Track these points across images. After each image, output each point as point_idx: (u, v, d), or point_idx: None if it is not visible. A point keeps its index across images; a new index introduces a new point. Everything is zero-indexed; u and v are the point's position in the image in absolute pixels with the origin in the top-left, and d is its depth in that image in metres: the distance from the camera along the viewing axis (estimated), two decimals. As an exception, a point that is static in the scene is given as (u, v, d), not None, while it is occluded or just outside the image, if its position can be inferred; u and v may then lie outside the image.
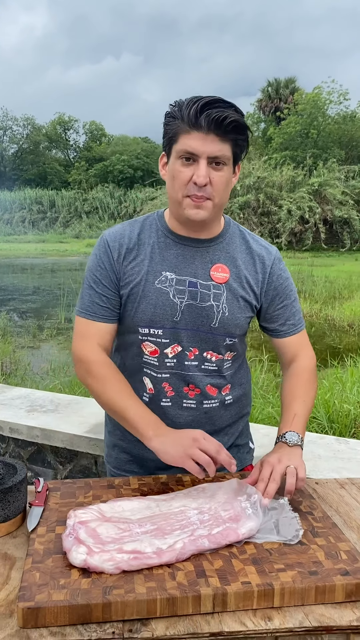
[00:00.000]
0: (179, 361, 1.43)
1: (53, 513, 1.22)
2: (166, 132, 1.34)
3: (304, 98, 35.94)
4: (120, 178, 46.44)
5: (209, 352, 1.44)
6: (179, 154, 1.31)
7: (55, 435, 2.48)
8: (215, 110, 1.25)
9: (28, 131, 58.05)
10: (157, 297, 1.40)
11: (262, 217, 25.52)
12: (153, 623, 0.93)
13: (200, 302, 1.41)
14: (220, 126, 1.26)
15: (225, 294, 1.43)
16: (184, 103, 1.29)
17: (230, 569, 1.03)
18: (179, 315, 1.41)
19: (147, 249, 1.43)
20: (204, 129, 1.26)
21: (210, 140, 1.28)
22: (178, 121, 1.30)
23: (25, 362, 6.88)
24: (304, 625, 0.94)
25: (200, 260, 1.43)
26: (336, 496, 1.41)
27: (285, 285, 1.51)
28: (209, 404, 1.48)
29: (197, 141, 1.28)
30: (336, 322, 9.38)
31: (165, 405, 1.46)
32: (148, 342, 1.44)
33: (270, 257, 1.49)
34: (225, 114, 1.25)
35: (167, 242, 1.43)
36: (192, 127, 1.27)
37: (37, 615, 0.91)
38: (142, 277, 1.41)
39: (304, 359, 1.53)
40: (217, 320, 1.42)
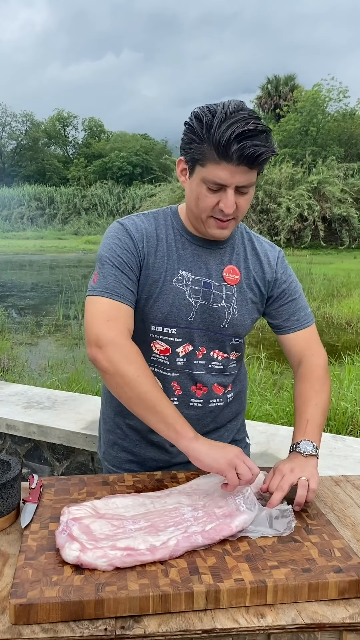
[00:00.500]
0: (189, 360, 1.44)
1: (47, 510, 1.22)
2: (190, 149, 1.27)
3: (304, 95, 35.88)
4: (119, 175, 46.37)
5: (216, 351, 1.45)
6: (206, 181, 1.26)
7: (52, 432, 2.48)
8: (249, 142, 1.19)
9: (27, 127, 57.93)
10: (174, 296, 1.39)
11: (261, 215, 25.51)
12: (145, 620, 0.93)
13: (213, 303, 1.41)
14: (253, 162, 1.22)
15: (236, 295, 1.44)
16: (213, 125, 1.19)
17: (223, 566, 1.03)
18: (193, 315, 1.41)
19: (164, 245, 1.41)
20: (234, 161, 1.21)
21: (240, 172, 1.24)
22: (206, 146, 1.22)
23: (23, 359, 6.87)
24: (296, 623, 0.94)
25: (214, 261, 1.43)
26: (331, 493, 1.40)
27: (290, 281, 1.51)
28: (214, 403, 1.49)
29: (227, 173, 1.23)
30: (334, 320, 9.39)
31: (173, 403, 1.45)
32: (159, 341, 1.42)
33: (275, 256, 1.50)
34: (260, 150, 1.20)
35: (183, 240, 1.42)
36: (222, 158, 1.22)
37: (29, 611, 0.91)
38: (161, 275, 1.39)
39: (313, 357, 1.49)
40: (227, 321, 1.43)
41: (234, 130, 1.18)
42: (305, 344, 1.51)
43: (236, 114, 1.20)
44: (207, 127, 1.21)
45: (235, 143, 1.19)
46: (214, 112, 1.21)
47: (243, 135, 1.19)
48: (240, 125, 1.18)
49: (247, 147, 1.19)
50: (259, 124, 1.20)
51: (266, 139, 1.22)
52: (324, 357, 1.51)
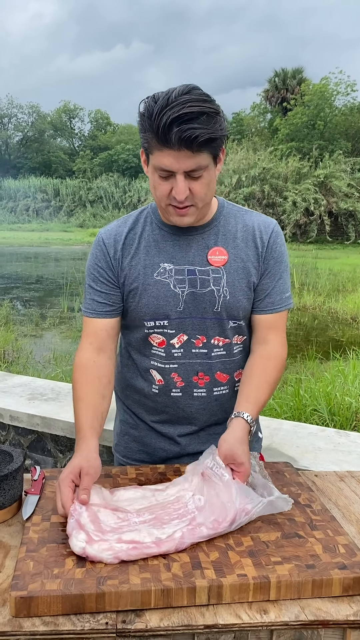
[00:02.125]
0: (186, 350, 1.43)
1: (49, 502, 1.21)
2: (142, 138, 1.29)
3: (311, 89, 35.64)
4: (124, 167, 46.25)
5: (216, 337, 1.43)
6: (156, 168, 1.27)
7: (55, 424, 2.48)
8: (186, 126, 1.17)
9: (33, 119, 57.85)
10: (159, 290, 1.39)
11: (267, 209, 25.40)
12: (147, 614, 0.92)
13: (201, 289, 1.40)
14: (192, 144, 1.20)
15: (225, 277, 1.41)
16: (154, 112, 1.20)
17: (226, 560, 1.02)
18: (181, 304, 1.40)
19: (143, 242, 1.43)
20: (175, 146, 1.20)
21: (183, 156, 1.22)
22: (149, 134, 1.24)
23: (28, 351, 6.88)
24: (300, 619, 0.93)
25: (197, 247, 1.41)
26: (335, 489, 1.39)
27: (278, 260, 1.45)
28: (219, 391, 1.47)
29: (170, 158, 1.23)
30: (339, 315, 9.35)
31: (175, 395, 1.46)
32: (155, 334, 1.43)
33: (268, 230, 1.45)
34: (196, 133, 1.18)
35: (162, 234, 1.43)
36: (163, 145, 1.22)
37: (29, 604, 0.90)
38: (139, 272, 1.41)
39: (277, 345, 1.45)
40: (219, 305, 1.41)
41: (169, 115, 1.18)
42: (270, 327, 1.46)
43: (178, 98, 1.19)
44: (148, 115, 1.22)
45: (174, 127, 1.18)
46: (157, 99, 1.21)
47: (180, 119, 1.17)
48: (178, 109, 1.17)
49: (183, 131, 1.18)
50: (198, 106, 1.18)
51: (207, 120, 1.20)
52: (286, 350, 1.48)
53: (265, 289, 1.45)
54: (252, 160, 27.50)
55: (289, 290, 1.49)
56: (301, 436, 2.26)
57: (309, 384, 4.40)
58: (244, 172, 26.83)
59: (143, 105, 1.24)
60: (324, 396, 3.95)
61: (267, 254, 1.44)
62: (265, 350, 1.44)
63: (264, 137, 39.21)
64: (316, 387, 4.24)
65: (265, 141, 36.58)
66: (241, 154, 29.33)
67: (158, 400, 1.48)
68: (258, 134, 40.82)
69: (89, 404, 1.34)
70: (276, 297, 1.45)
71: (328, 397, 3.94)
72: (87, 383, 1.38)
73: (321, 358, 6.15)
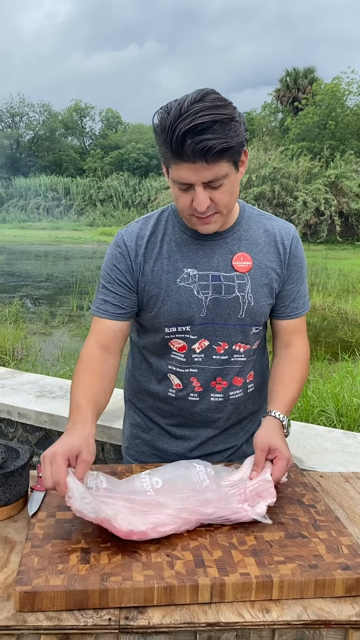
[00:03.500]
0: (207, 356, 1.42)
1: (54, 498, 1.22)
2: (159, 151, 1.27)
3: (323, 88, 35.47)
4: (135, 166, 46.28)
5: (238, 344, 1.42)
6: (175, 182, 1.26)
7: (63, 421, 2.49)
8: (198, 138, 1.14)
9: (44, 118, 58.03)
10: (182, 295, 1.37)
11: (277, 209, 25.32)
12: (150, 611, 0.93)
13: (226, 295, 1.38)
14: (206, 155, 1.16)
15: (250, 283, 1.40)
16: (167, 125, 1.17)
17: (229, 559, 1.02)
18: (204, 311, 1.38)
19: (165, 246, 1.40)
20: (190, 159, 1.18)
21: (200, 168, 1.19)
22: (164, 149, 1.21)
23: (37, 348, 6.92)
24: (302, 619, 0.93)
25: (220, 252, 1.39)
26: (340, 490, 1.39)
27: (300, 266, 1.47)
28: (234, 395, 1.47)
29: (187, 171, 1.20)
30: (349, 316, 9.30)
31: (192, 399, 1.46)
32: (176, 340, 1.41)
33: (289, 235, 1.45)
34: (209, 144, 1.14)
35: (184, 237, 1.40)
36: (178, 158, 1.19)
37: (33, 599, 0.91)
38: (162, 277, 1.38)
39: (301, 346, 1.51)
40: (243, 311, 1.40)
41: (181, 129, 1.14)
42: (296, 331, 1.51)
43: (190, 107, 1.15)
44: (162, 129, 1.19)
45: (186, 140, 1.15)
46: (170, 110, 1.18)
47: (192, 130, 1.14)
48: (189, 120, 1.14)
49: (197, 143, 1.15)
50: (210, 114, 1.14)
51: (221, 128, 1.15)
52: (309, 348, 1.54)
53: (290, 294, 1.46)
54: (262, 160, 27.41)
55: (308, 293, 1.53)
56: (308, 437, 2.26)
57: (317, 385, 4.39)
58: (255, 172, 26.76)
59: (157, 118, 1.21)
60: (332, 397, 3.94)
61: (290, 260, 1.44)
62: (290, 353, 1.49)
63: (274, 136, 39.06)
64: (324, 388, 4.23)
65: (276, 141, 36.44)
66: (252, 153, 29.25)
67: (174, 404, 1.48)
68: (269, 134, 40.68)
69: (90, 392, 1.29)
70: (300, 302, 1.48)
71: (336, 398, 3.93)
72: (90, 374, 1.35)
73: (330, 359, 6.13)
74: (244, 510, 1.14)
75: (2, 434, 2.74)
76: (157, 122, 1.21)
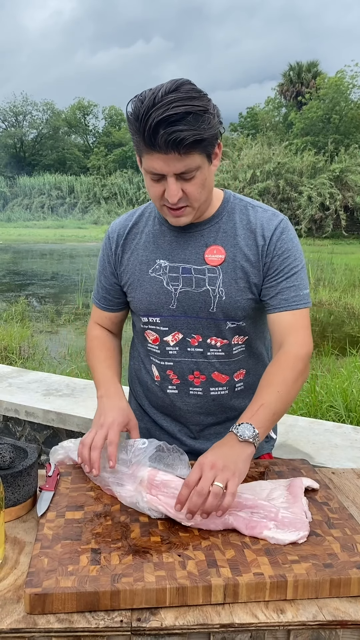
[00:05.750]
0: (182, 349, 1.41)
1: (63, 498, 1.20)
2: (132, 139, 1.25)
3: (326, 82, 35.29)
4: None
5: (213, 338, 1.39)
6: (147, 171, 1.25)
7: (70, 419, 2.48)
8: (170, 129, 1.13)
9: (47, 116, 58.01)
10: (152, 286, 1.39)
11: (282, 204, 25.24)
12: (162, 612, 0.91)
13: (196, 288, 1.36)
14: (179, 147, 1.16)
15: (222, 276, 1.35)
16: (140, 114, 1.15)
17: (242, 559, 1.00)
18: (174, 302, 1.38)
19: (143, 238, 1.44)
20: (162, 149, 1.17)
21: (172, 159, 1.18)
22: (137, 137, 1.20)
23: (43, 347, 6.91)
24: (317, 619, 0.91)
25: (194, 244, 1.37)
26: (353, 487, 1.37)
27: (286, 256, 1.35)
28: (216, 391, 1.44)
29: (159, 162, 1.20)
30: (356, 311, 9.25)
31: (171, 392, 1.46)
32: (149, 331, 1.44)
33: (271, 226, 1.36)
34: (182, 135, 1.13)
35: (162, 229, 1.41)
36: (150, 148, 1.18)
37: (44, 601, 0.90)
38: (136, 267, 1.43)
39: (296, 345, 1.31)
40: (214, 305, 1.35)
41: (154, 118, 1.13)
42: (289, 327, 1.33)
43: (164, 97, 1.14)
44: (135, 117, 1.18)
45: (159, 130, 1.14)
46: (144, 99, 1.16)
47: (165, 121, 1.13)
48: (162, 111, 1.13)
49: (169, 134, 1.14)
50: (184, 105, 1.13)
51: (194, 120, 1.14)
52: (307, 348, 1.33)
53: (274, 285, 1.35)
54: (266, 155, 27.32)
55: (307, 288, 1.37)
56: (317, 433, 2.24)
57: (325, 380, 4.36)
58: (259, 167, 26.68)
59: (130, 106, 1.19)
60: (340, 392, 3.91)
61: (270, 250, 1.34)
62: (278, 356, 1.32)
63: (278, 131, 38.91)
64: (332, 383, 4.20)
65: (280, 136, 36.29)
66: (256, 148, 29.15)
67: (158, 395, 1.50)
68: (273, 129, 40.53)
69: (112, 365, 1.49)
70: (290, 294, 1.34)
71: (344, 393, 3.90)
72: (105, 349, 1.52)
73: (337, 354, 6.09)
74: (266, 526, 1.08)
75: (10, 433, 2.73)
76: (130, 111, 1.19)
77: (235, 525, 1.08)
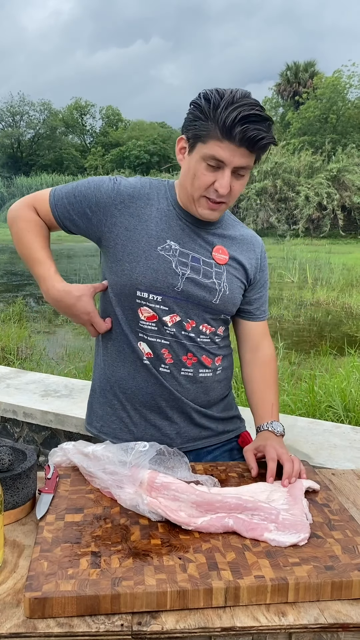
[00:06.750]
0: (177, 331, 1.43)
1: (63, 500, 1.20)
2: (194, 126, 1.31)
3: (324, 82, 35.32)
4: (136, 163, 46.19)
5: (205, 325, 1.46)
6: (206, 157, 1.30)
7: (68, 420, 2.47)
8: (252, 126, 1.25)
9: (45, 116, 57.87)
10: (159, 264, 1.40)
11: (280, 203, 25.26)
12: (163, 616, 0.91)
13: (203, 278, 1.43)
14: (254, 144, 1.28)
15: (226, 274, 1.47)
16: (220, 105, 1.25)
17: (243, 562, 1.00)
18: (180, 285, 1.41)
19: (154, 212, 1.43)
20: (236, 142, 1.26)
21: (240, 153, 1.28)
22: (211, 123, 1.27)
23: (41, 347, 6.90)
24: (319, 622, 0.91)
25: (202, 240, 1.46)
26: (353, 488, 1.37)
27: (266, 271, 1.60)
28: (204, 373, 1.49)
29: (227, 152, 1.28)
30: (353, 310, 9.25)
31: (163, 371, 1.45)
32: (146, 308, 1.42)
33: (259, 245, 1.57)
34: (262, 134, 1.26)
35: (175, 213, 1.45)
36: (224, 137, 1.26)
37: (44, 605, 0.89)
38: (143, 239, 1.41)
39: (269, 348, 1.61)
40: (218, 298, 1.45)
41: (239, 112, 1.23)
42: (264, 333, 1.61)
43: (242, 99, 1.25)
44: (214, 107, 1.26)
45: (240, 124, 1.24)
46: (222, 95, 1.26)
47: (247, 118, 1.24)
48: (246, 109, 1.24)
49: (249, 130, 1.24)
50: (262, 113, 1.26)
51: (268, 127, 1.28)
52: (274, 350, 1.64)
53: (260, 297, 1.58)
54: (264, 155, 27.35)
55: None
56: (316, 433, 2.23)
57: (324, 380, 4.36)
58: (256, 167, 26.67)
59: (206, 96, 1.28)
60: (339, 392, 3.91)
61: (262, 265, 1.57)
62: (260, 357, 1.58)
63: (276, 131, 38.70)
64: (331, 383, 4.20)
65: (277, 135, 36.26)
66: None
67: (142, 376, 1.45)
68: (270, 129, 40.50)
69: (49, 254, 1.51)
70: (265, 306, 1.62)
71: (343, 393, 3.89)
72: (40, 236, 1.50)
73: (335, 354, 6.09)
74: (266, 528, 1.08)
75: (8, 434, 2.72)
76: (206, 99, 1.28)
77: (235, 528, 1.08)
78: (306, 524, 1.10)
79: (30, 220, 1.50)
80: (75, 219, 1.47)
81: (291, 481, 1.27)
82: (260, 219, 25.14)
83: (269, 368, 1.57)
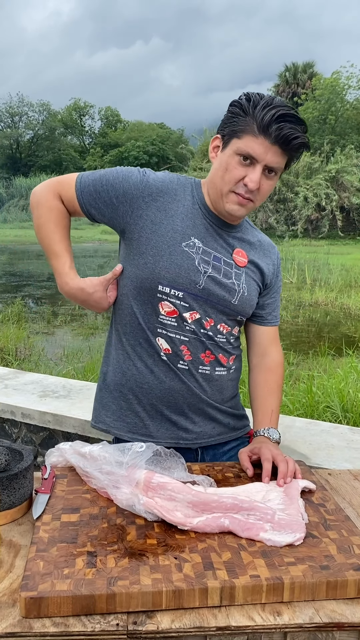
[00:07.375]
0: (197, 328, 1.44)
1: (59, 500, 1.20)
2: (232, 122, 1.36)
3: (322, 83, 35.31)
4: (135, 164, 45.93)
5: (222, 324, 1.48)
6: (240, 152, 1.34)
7: (66, 421, 2.47)
8: (289, 125, 1.30)
9: (44, 117, 57.84)
10: (183, 260, 1.41)
11: (278, 204, 25.28)
12: (158, 616, 0.91)
13: (224, 278, 1.45)
14: (288, 143, 1.33)
15: (244, 276, 1.50)
16: (259, 103, 1.31)
17: (238, 561, 1.00)
18: (202, 283, 1.42)
19: (180, 207, 1.44)
20: (272, 139, 1.31)
21: (273, 151, 1.33)
22: (249, 119, 1.32)
23: (40, 348, 6.90)
24: (314, 622, 0.91)
25: (224, 242, 1.48)
26: (350, 488, 1.37)
27: (280, 278, 1.64)
28: (220, 372, 1.50)
29: (262, 148, 1.32)
30: (352, 311, 9.27)
31: (182, 367, 1.45)
32: (167, 302, 1.42)
33: (275, 251, 1.61)
34: (297, 134, 1.32)
35: (201, 212, 1.46)
36: (260, 133, 1.31)
37: (39, 605, 0.89)
38: (169, 234, 1.41)
39: (278, 354, 1.63)
40: (237, 298, 1.48)
41: (278, 111, 1.30)
42: (273, 339, 1.63)
43: (281, 102, 1.34)
44: (254, 104, 1.32)
45: (276, 122, 1.30)
46: (262, 96, 1.34)
47: (284, 117, 1.30)
48: (284, 109, 1.31)
49: (285, 128, 1.30)
50: (299, 117, 1.33)
51: (303, 130, 1.34)
52: (283, 357, 1.66)
53: (273, 302, 1.61)
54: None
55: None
56: (314, 433, 2.24)
57: (322, 381, 4.37)
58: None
59: (247, 95, 1.35)
60: (337, 393, 3.91)
61: (277, 271, 1.60)
62: (267, 363, 1.60)
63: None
64: (329, 383, 4.20)
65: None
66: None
67: (161, 370, 1.45)
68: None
69: (69, 246, 1.52)
70: (278, 312, 1.64)
71: (341, 393, 3.90)
72: (61, 227, 1.50)
73: (334, 354, 6.10)
74: (262, 528, 1.09)
75: (6, 435, 2.72)
76: (247, 99, 1.34)
77: (231, 528, 1.08)
78: (302, 523, 1.10)
79: (53, 209, 1.49)
80: (101, 207, 1.46)
81: (286, 481, 1.28)
82: (259, 219, 25.15)
83: (274, 374, 1.59)
